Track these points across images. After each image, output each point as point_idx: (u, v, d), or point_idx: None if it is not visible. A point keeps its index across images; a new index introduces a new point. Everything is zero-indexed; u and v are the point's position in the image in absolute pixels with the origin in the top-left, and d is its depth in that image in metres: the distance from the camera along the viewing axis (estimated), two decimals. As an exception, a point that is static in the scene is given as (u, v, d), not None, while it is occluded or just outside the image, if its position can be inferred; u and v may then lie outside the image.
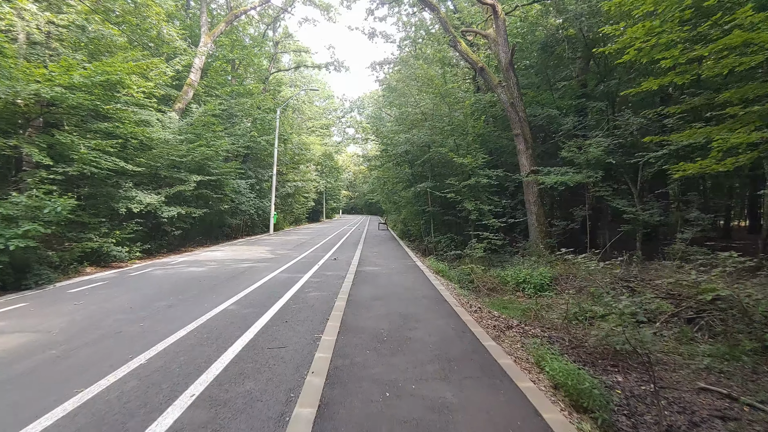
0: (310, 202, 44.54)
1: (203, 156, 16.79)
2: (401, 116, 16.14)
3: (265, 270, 10.41)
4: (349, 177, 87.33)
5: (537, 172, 13.44)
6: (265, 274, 9.78)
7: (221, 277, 9.34)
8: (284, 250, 15.62)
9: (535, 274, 9.13)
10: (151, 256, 15.10)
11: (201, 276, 9.61)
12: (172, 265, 11.93)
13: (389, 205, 35.45)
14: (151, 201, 13.89)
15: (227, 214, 22.83)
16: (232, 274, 9.91)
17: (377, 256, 13.09)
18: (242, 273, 10.03)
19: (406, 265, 11.06)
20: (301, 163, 38.18)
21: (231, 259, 12.98)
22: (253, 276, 9.50)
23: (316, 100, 54.48)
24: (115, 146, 11.70)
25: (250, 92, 27.10)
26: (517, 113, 14.03)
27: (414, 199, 17.41)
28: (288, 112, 39.08)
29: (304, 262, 11.82)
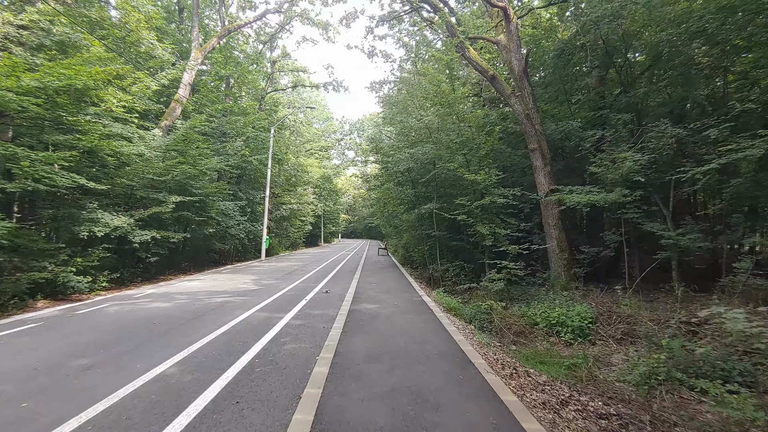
0: (308, 226, 42.87)
1: (184, 175, 15.22)
2: (403, 131, 14.68)
3: (240, 307, 8.63)
4: (348, 200, 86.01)
5: (557, 191, 11.83)
6: (239, 312, 8.00)
7: (183, 317, 7.56)
8: (271, 279, 13.82)
9: (571, 313, 7.36)
10: (121, 286, 13.38)
11: (160, 315, 7.82)
12: (136, 298, 10.14)
13: (389, 229, 33.79)
14: (120, 224, 12.20)
15: (215, 239, 21.14)
16: (200, 312, 8.12)
17: (376, 287, 11.31)
18: (212, 311, 8.25)
19: (411, 300, 9.28)
20: (297, 186, 36.73)
21: (207, 291, 11.20)
22: (223, 315, 7.72)
23: (314, 122, 53.63)
24: (70, 160, 10.08)
25: (245, 111, 25.89)
26: (533, 126, 12.54)
27: (417, 222, 15.75)
28: (285, 132, 37.95)
29: (289, 296, 10.03)
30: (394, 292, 10.48)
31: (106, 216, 12.01)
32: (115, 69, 11.88)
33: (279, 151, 27.15)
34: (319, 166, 48.19)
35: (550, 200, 12.02)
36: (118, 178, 14.33)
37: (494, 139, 11.67)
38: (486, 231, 10.44)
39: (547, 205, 12.15)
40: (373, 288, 11.19)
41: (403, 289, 11.14)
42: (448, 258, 14.68)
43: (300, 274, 15.31)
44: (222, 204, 18.76)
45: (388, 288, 11.25)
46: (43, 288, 10.44)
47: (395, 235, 30.52)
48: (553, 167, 12.85)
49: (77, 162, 10.77)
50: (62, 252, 11.49)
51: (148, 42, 15.46)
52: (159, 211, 14.05)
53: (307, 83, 34.32)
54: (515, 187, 11.53)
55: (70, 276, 10.92)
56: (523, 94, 12.67)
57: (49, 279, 10.46)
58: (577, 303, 8.22)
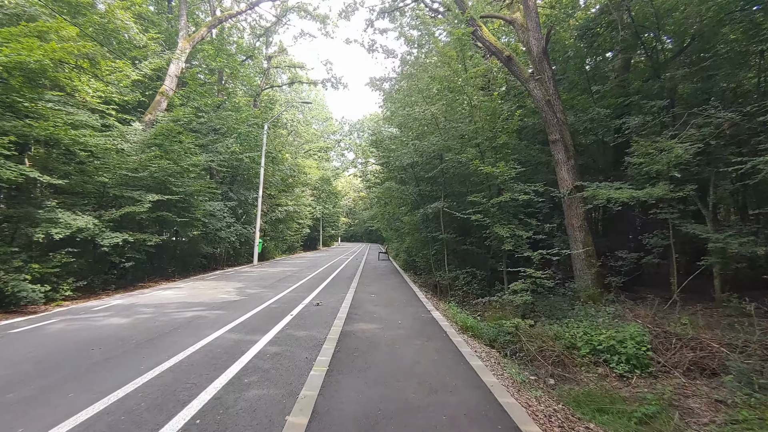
0: (305, 229, 41.33)
1: (163, 171, 13.72)
2: (406, 122, 13.17)
3: (210, 325, 7.09)
4: (348, 203, 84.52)
5: (582, 188, 10.31)
6: (206, 333, 6.46)
7: (134, 340, 6.02)
8: (258, 288, 12.28)
9: (622, 336, 5.80)
10: (91, 294, 11.98)
11: (109, 336, 6.28)
12: (94, 312, 8.61)
13: (390, 232, 32.25)
14: (83, 225, 10.68)
15: (202, 243, 19.61)
16: (158, 332, 6.59)
17: (376, 299, 9.76)
18: (174, 330, 6.71)
19: (418, 317, 7.71)
20: (294, 187, 35.24)
21: (180, 302, 9.66)
22: (184, 337, 6.18)
23: (313, 123, 52.24)
24: (8, 147, 8.58)
25: (237, 107, 24.43)
26: (555, 113, 11.02)
27: (421, 224, 14.22)
28: (282, 131, 36.51)
29: (273, 310, 8.49)
30: (397, 305, 8.91)
31: (67, 216, 10.48)
32: (78, 47, 10.37)
33: (274, 150, 25.67)
34: (317, 167, 46.74)
35: (574, 198, 10.51)
36: (88, 175, 12.87)
37: (514, 124, 10.11)
38: (505, 233, 8.87)
39: (571, 203, 10.63)
40: (372, 300, 9.64)
41: (408, 301, 9.59)
42: (456, 264, 13.14)
43: (291, 282, 13.76)
44: (209, 204, 17.24)
45: (390, 300, 9.69)
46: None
47: (396, 238, 28.97)
48: (577, 161, 11.33)
49: (45, 156, 9.31)
50: (16, 257, 10.00)
51: (123, 23, 13.92)
52: (132, 211, 12.54)
53: (304, 80, 32.89)
54: (535, 184, 9.97)
55: (23, 285, 9.42)
56: (543, 77, 11.17)
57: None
58: (622, 320, 6.66)
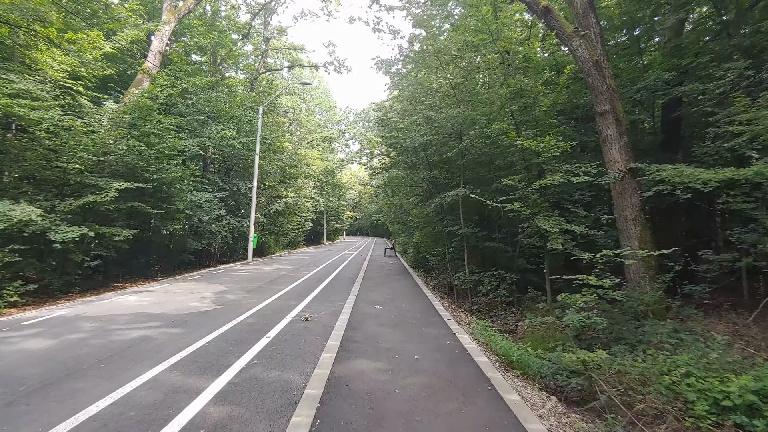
0: (308, 223, 39.38)
1: (132, 155, 11.75)
2: (416, 96, 10.99)
3: (152, 354, 5.09)
4: (353, 197, 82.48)
5: (637, 171, 8.18)
6: (136, 371, 4.45)
7: (27, 386, 4.04)
8: (241, 292, 10.29)
9: (758, 385, 3.69)
10: (48, 300, 10.18)
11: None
12: (19, 328, 6.66)
13: (397, 226, 30.22)
14: (24, 217, 8.71)
15: (190, 237, 17.68)
16: (75, 367, 4.60)
17: (382, 313, 7.60)
18: (97, 364, 4.72)
19: (442, 347, 5.47)
20: (296, 178, 33.21)
21: (137, 313, 7.68)
22: (100, 382, 4.18)
23: (317, 112, 50.07)
24: None
25: (232, 89, 22.37)
26: (604, 78, 8.79)
27: (435, 216, 12.14)
28: (282, 119, 34.44)
29: (247, 328, 6.47)
30: (409, 323, 6.76)
31: (1, 205, 8.52)
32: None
33: (271, 136, 23.58)
34: (321, 158, 44.66)
35: (628, 184, 8.34)
36: (46, 159, 10.92)
37: (562, 85, 7.86)
38: (552, 227, 6.71)
39: (624, 191, 8.43)
40: (377, 314, 7.51)
41: (423, 316, 7.48)
42: (479, 263, 11.05)
43: (283, 284, 11.75)
44: (193, 195, 15.24)
45: (399, 313, 7.57)
46: None
47: (404, 232, 26.91)
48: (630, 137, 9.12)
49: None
50: (-60, 257, 8.14)
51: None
52: (94, 200, 10.58)
53: (305, 63, 30.70)
54: (586, 164, 7.76)
55: None
56: (590, 33, 8.94)
57: None
58: (730, 347, 4.54)
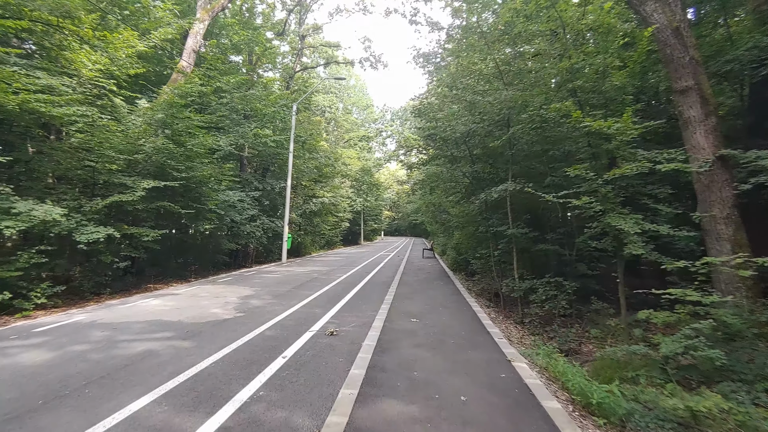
0: (345, 223, 38.88)
1: (160, 153, 11.39)
2: (456, 82, 9.84)
3: (151, 375, 4.35)
4: (391, 196, 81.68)
5: (728, 160, 6.68)
6: (121, 402, 3.69)
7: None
8: (268, 297, 9.58)
9: None
10: (78, 302, 10.03)
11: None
12: (26, 336, 6.20)
13: (435, 226, 29.03)
14: (45, 216, 8.39)
15: (225, 238, 17.40)
16: (55, 393, 3.92)
17: (419, 329, 6.49)
18: (81, 390, 4.01)
19: (496, 383, 4.22)
20: (332, 177, 32.72)
21: (153, 321, 7.10)
22: (73, 414, 3.46)
23: (353, 111, 49.64)
24: None
25: (267, 87, 22.06)
26: (686, 48, 7.27)
27: (478, 215, 10.94)
28: (317, 118, 34.09)
29: (264, 343, 5.66)
30: (452, 344, 5.55)
31: (21, 205, 8.24)
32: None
33: (305, 134, 23.08)
34: (358, 157, 44.12)
35: (716, 175, 6.82)
36: (76, 159, 10.76)
37: (640, 55, 6.45)
38: (631, 227, 5.37)
39: (712, 183, 6.88)
40: (412, 330, 6.43)
41: (468, 334, 6.29)
42: (525, 267, 9.76)
43: (313, 288, 10.97)
44: (224, 194, 14.84)
45: (441, 330, 6.43)
46: None
47: (443, 232, 25.67)
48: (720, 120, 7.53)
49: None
50: (-33, 258, 7.95)
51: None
52: (120, 200, 10.24)
53: (340, 60, 30.10)
54: (669, 150, 6.33)
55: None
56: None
57: None
58: None
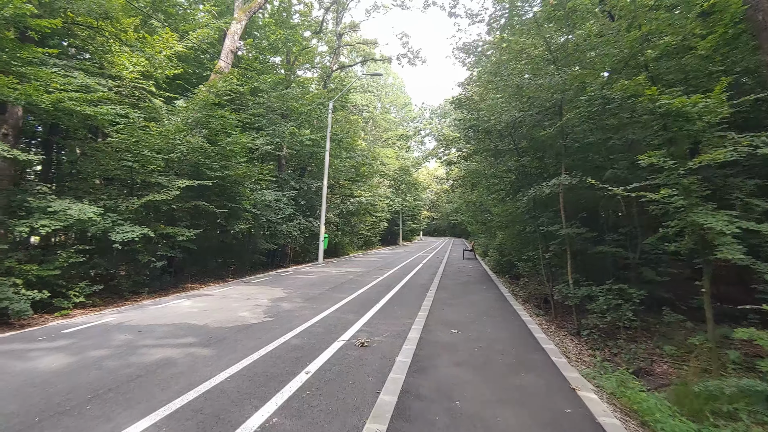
0: (383, 223, 38.36)
1: (194, 152, 11.30)
2: (504, 60, 8.94)
3: (159, 389, 3.92)
4: (430, 196, 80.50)
5: None
6: (117, 424, 3.28)
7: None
8: (299, 300, 9.15)
9: None
10: (117, 301, 10.22)
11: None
12: (53, 338, 6.06)
13: (476, 225, 27.87)
14: (80, 215, 8.37)
15: (261, 238, 17.33)
16: (33, 415, 3.57)
17: (461, 342, 5.63)
18: (80, 407, 3.64)
19: (555, 411, 3.35)
20: (370, 176, 32.30)
21: (178, 324, 6.81)
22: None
23: (392, 110, 49.11)
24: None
25: (303, 87, 21.94)
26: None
27: (525, 213, 9.98)
28: (355, 117, 33.80)
29: (289, 353, 5.15)
30: (500, 363, 4.61)
31: (57, 204, 8.25)
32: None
33: (341, 132, 22.73)
34: (396, 156, 43.53)
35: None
36: (113, 159, 10.87)
37: (730, 17, 5.35)
38: (725, 226, 4.31)
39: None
40: (452, 342, 5.65)
41: (519, 351, 5.39)
42: (578, 270, 8.71)
43: (348, 291, 10.46)
44: (260, 194, 14.66)
45: (485, 343, 5.59)
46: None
47: (484, 232, 24.53)
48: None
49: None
50: (9, 257, 8.07)
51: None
52: (154, 199, 10.18)
53: (378, 57, 29.62)
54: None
55: (5, 292, 7.35)
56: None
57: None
58: None
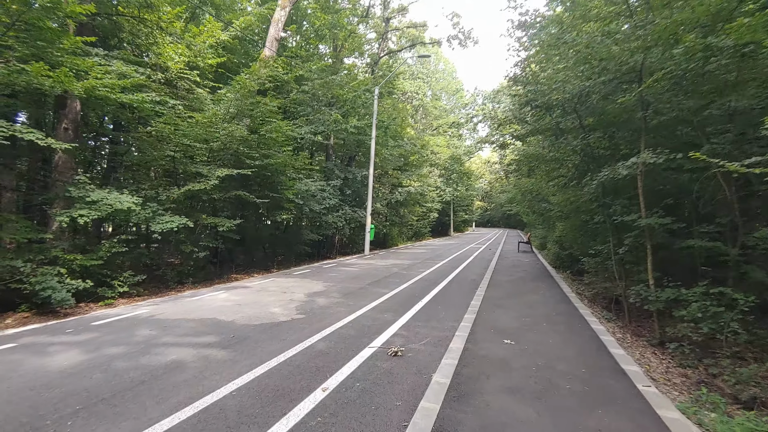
0: (434, 213, 37.18)
1: (233, 140, 11.01)
2: (569, 23, 7.61)
3: (149, 403, 3.38)
4: (483, 186, 77.65)
5: None
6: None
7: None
8: (336, 295, 8.54)
9: None
10: (162, 290, 10.16)
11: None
12: (81, 331, 5.88)
13: (533, 216, 26.03)
14: (121, 205, 8.29)
15: (307, 228, 17.06)
16: (50, 416, 3.14)
17: (515, 354, 4.64)
18: (73, 414, 3.19)
19: None
20: (419, 166, 31.24)
21: (205, 319, 6.42)
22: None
23: (442, 97, 47.41)
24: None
25: (351, 73, 21.36)
26: None
27: (593, 201, 8.62)
28: (404, 105, 32.79)
29: (310, 358, 4.49)
30: (568, 392, 3.60)
31: (96, 194, 8.19)
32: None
33: (388, 119, 21.90)
34: (447, 145, 41.96)
35: None
36: (155, 149, 10.89)
37: None
38: None
39: None
40: (504, 358, 4.57)
41: (592, 372, 4.17)
42: (658, 268, 7.28)
43: (389, 286, 9.71)
44: (304, 184, 14.25)
45: (545, 361, 4.32)
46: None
47: (541, 223, 22.73)
48: None
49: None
50: (55, 247, 8.18)
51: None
52: (193, 189, 10.01)
53: (427, 41, 28.30)
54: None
55: (49, 281, 7.41)
56: None
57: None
58: None
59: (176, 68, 12.11)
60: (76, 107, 9.34)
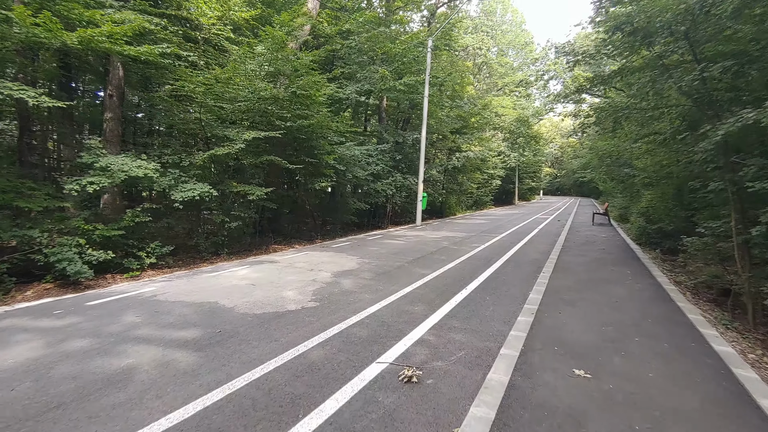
0: (496, 180, 34.43)
1: (259, 98, 9.88)
2: None
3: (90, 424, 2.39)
4: (553, 151, 71.63)
5: None
6: None
7: None
8: (367, 276, 7.27)
9: None
10: (191, 262, 9.83)
11: None
12: (74, 311, 5.19)
13: (611, 183, 22.86)
14: (136, 171, 7.58)
15: (351, 196, 15.95)
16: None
17: (591, 389, 3.20)
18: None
19: None
20: (480, 129, 28.59)
21: (207, 302, 5.48)
22: None
23: (509, 52, 43.09)
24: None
25: (401, 22, 19.32)
26: None
27: (708, 162, 6.37)
28: (465, 62, 29.91)
29: (301, 371, 3.28)
30: None
31: (105, 160, 7.50)
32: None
33: (444, 75, 19.68)
34: (513, 106, 38.28)
35: None
36: (181, 109, 10.12)
37: None
38: None
39: None
40: (574, 402, 2.95)
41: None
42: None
43: (432, 265, 8.25)
44: (347, 148, 12.94)
45: (650, 413, 2.95)
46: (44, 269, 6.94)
47: (621, 191, 19.68)
48: None
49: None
50: (75, 217, 7.77)
51: None
52: (216, 153, 9.12)
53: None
54: None
55: (65, 253, 6.96)
56: None
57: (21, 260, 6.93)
58: None
59: (209, 23, 11.17)
60: (119, 73, 9.07)
